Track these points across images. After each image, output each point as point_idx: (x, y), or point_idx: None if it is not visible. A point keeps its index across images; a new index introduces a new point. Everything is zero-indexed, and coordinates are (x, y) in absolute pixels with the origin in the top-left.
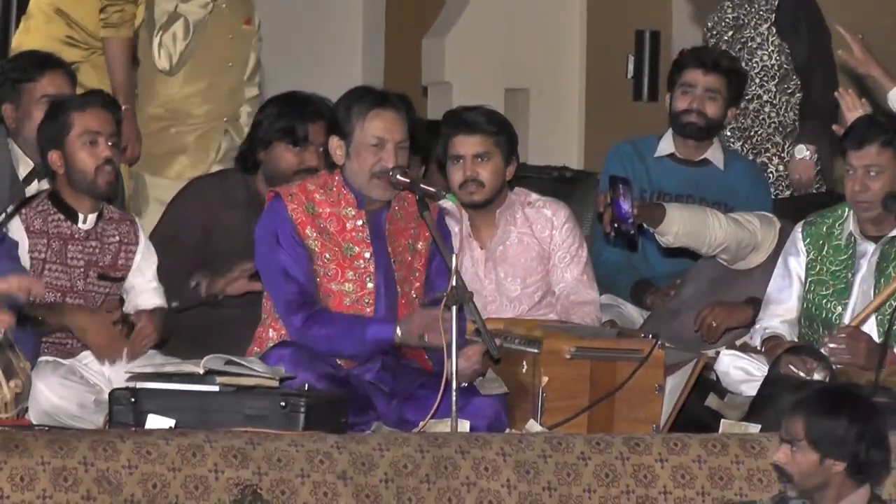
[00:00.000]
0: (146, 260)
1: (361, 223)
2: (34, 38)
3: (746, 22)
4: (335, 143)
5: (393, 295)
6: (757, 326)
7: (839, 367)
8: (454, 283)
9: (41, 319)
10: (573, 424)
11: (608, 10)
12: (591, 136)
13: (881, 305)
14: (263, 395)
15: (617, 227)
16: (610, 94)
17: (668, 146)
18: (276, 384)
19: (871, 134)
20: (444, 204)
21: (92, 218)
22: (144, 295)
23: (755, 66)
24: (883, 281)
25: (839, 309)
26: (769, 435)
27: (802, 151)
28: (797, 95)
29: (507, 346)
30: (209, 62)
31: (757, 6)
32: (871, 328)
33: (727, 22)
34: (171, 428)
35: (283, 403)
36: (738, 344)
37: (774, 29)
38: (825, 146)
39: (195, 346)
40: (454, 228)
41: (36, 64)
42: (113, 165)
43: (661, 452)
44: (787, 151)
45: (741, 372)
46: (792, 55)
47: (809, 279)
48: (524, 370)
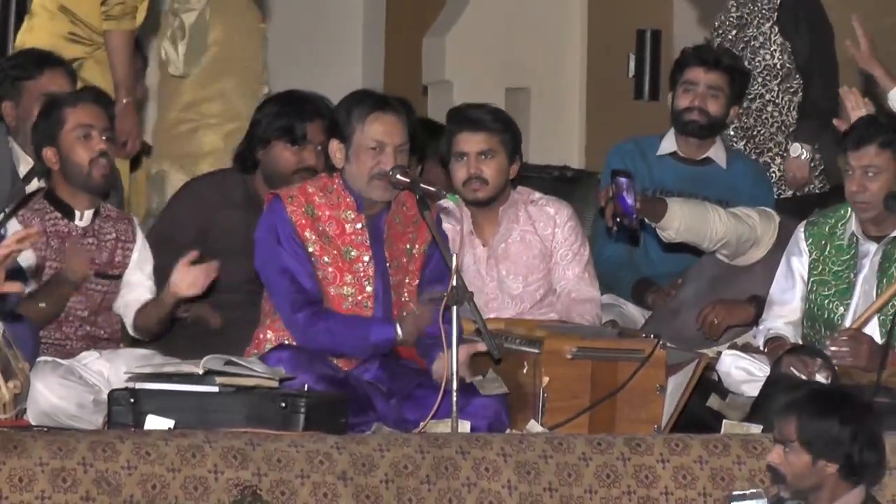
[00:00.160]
0: (143, 258)
1: (361, 226)
2: (38, 35)
3: (749, 21)
4: (335, 146)
5: (388, 299)
6: (760, 327)
7: (841, 367)
8: (454, 282)
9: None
10: (574, 425)
11: (609, 8)
12: (591, 135)
13: (883, 306)
14: (263, 395)
15: (619, 221)
16: (611, 93)
17: (670, 145)
18: (275, 384)
19: (869, 134)
20: (443, 203)
21: (89, 215)
22: (139, 290)
23: (758, 65)
24: (885, 281)
25: (841, 309)
26: (771, 436)
27: (797, 150)
28: (800, 95)
29: (507, 346)
30: (229, 61)
31: (759, 5)
32: (873, 329)
33: (731, 21)
34: (170, 428)
35: (282, 404)
36: (740, 344)
37: (776, 28)
38: (826, 145)
39: (194, 346)
40: (454, 229)
41: (35, 62)
42: (108, 158)
43: (662, 453)
44: (788, 151)
45: (743, 372)
46: (793, 54)
47: (812, 279)
48: (525, 370)
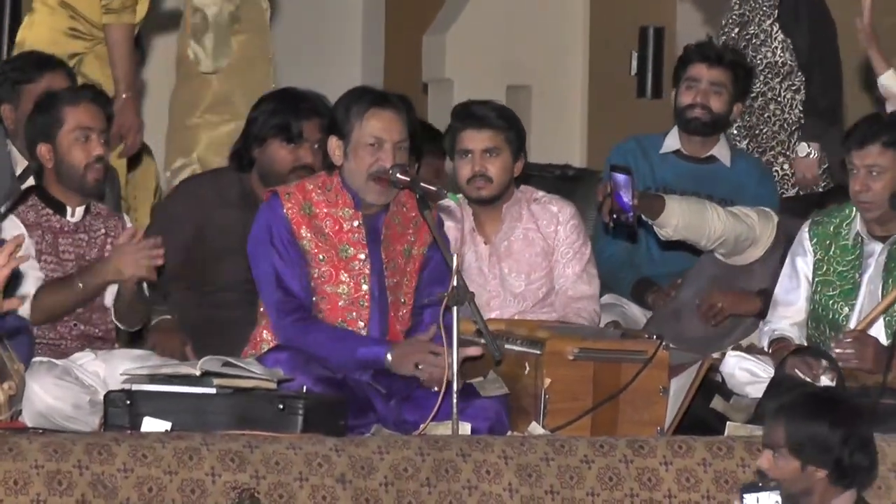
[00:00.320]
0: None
1: (358, 224)
2: (38, 31)
3: (751, 18)
4: (333, 143)
5: (384, 300)
6: (765, 328)
7: (847, 369)
8: (455, 282)
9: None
10: (576, 427)
11: (611, 5)
12: (593, 133)
13: (889, 307)
14: (261, 397)
15: (616, 217)
16: (613, 91)
17: (673, 142)
18: (273, 386)
19: (873, 134)
20: (444, 203)
21: (80, 211)
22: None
23: (760, 62)
24: (891, 281)
25: (846, 310)
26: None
27: (804, 149)
28: (803, 92)
29: (509, 347)
30: (244, 57)
31: (760, 2)
32: (878, 330)
33: (734, 19)
34: (167, 431)
35: (280, 406)
36: (744, 345)
37: (777, 25)
38: (830, 142)
39: (193, 346)
40: (453, 230)
41: (35, 64)
42: (103, 163)
43: (665, 455)
44: (792, 150)
45: (747, 374)
46: (795, 51)
47: (816, 279)
48: (526, 372)
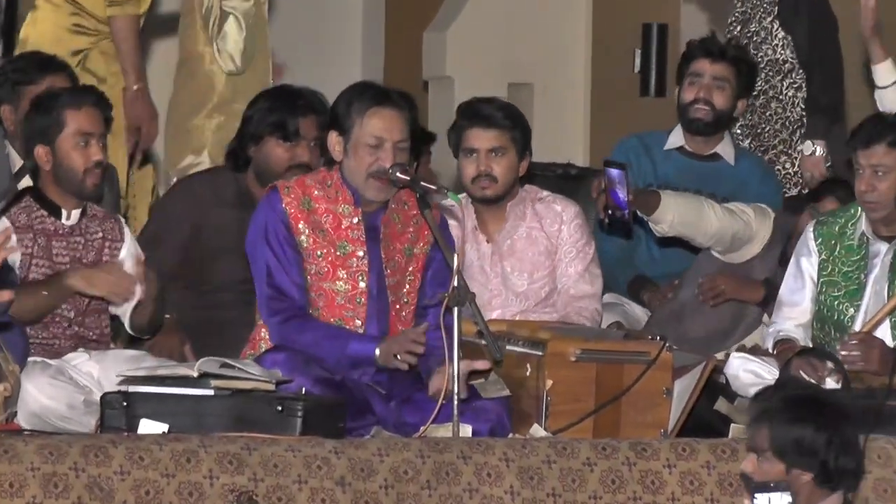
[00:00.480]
0: (133, 257)
1: (357, 220)
2: (42, 28)
3: (752, 16)
4: (334, 138)
5: (384, 299)
6: (769, 329)
7: (852, 371)
8: (455, 283)
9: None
10: (578, 429)
11: (614, 2)
12: (596, 132)
13: (895, 308)
14: (259, 398)
15: (612, 214)
16: (616, 89)
17: (677, 139)
18: (272, 388)
19: (878, 133)
20: (445, 202)
21: (76, 214)
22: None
23: (761, 60)
24: None
25: (851, 311)
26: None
27: (809, 147)
28: (804, 90)
29: (510, 348)
30: (254, 55)
31: None
32: (884, 331)
33: (736, 17)
34: (164, 433)
35: (279, 407)
36: (748, 346)
37: (778, 22)
38: (834, 140)
39: (191, 346)
40: (455, 229)
41: (37, 66)
42: (102, 168)
43: (668, 458)
44: (794, 148)
45: (751, 375)
46: (795, 47)
47: (821, 280)
48: (528, 373)
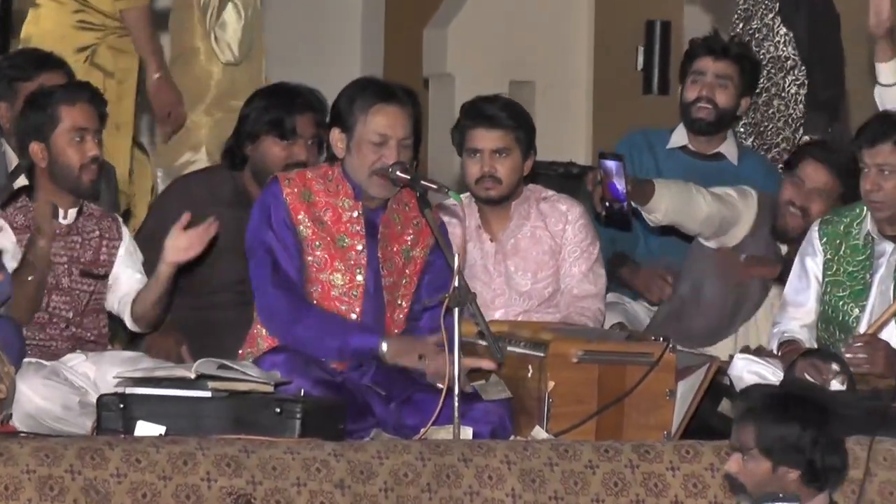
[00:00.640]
0: (131, 254)
1: (357, 214)
2: (45, 25)
3: (754, 12)
4: (336, 135)
5: (380, 297)
6: (774, 330)
7: (857, 373)
8: (456, 283)
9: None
10: (580, 431)
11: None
12: (598, 130)
13: None
14: (257, 400)
15: (609, 206)
16: (619, 86)
17: (681, 138)
18: (270, 389)
19: (884, 132)
20: (445, 202)
21: (72, 213)
22: (130, 283)
23: (763, 57)
24: None
25: (856, 311)
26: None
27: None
28: (806, 86)
29: (511, 349)
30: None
31: None
32: (890, 333)
33: (739, 14)
34: (161, 435)
35: (278, 409)
36: (752, 348)
37: (779, 18)
38: (837, 137)
39: (188, 347)
40: (455, 229)
41: (33, 63)
42: (98, 164)
43: (672, 460)
44: (797, 145)
45: (755, 377)
46: (797, 44)
47: (826, 280)
48: (529, 374)
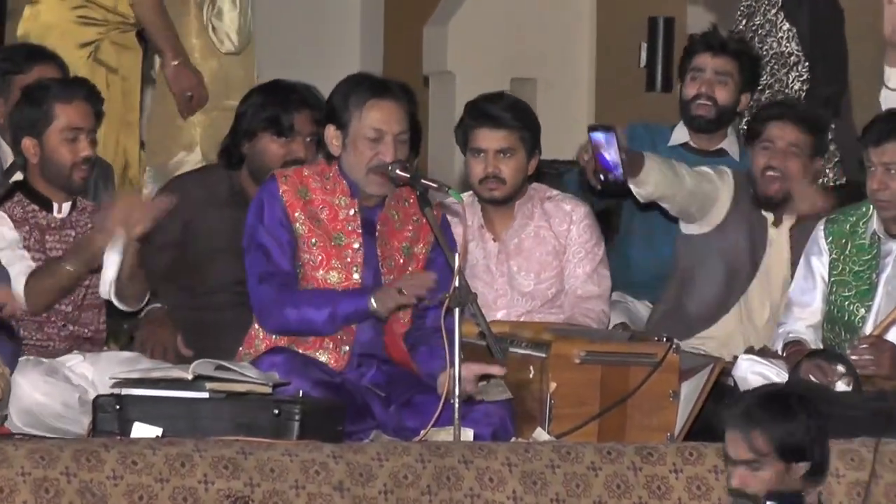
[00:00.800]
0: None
1: (353, 212)
2: (45, 21)
3: (757, 8)
4: (331, 132)
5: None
6: (780, 330)
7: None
8: (457, 283)
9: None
10: (583, 433)
11: None
12: None
13: None
14: (256, 401)
15: (604, 179)
16: (621, 84)
17: (682, 135)
18: (268, 390)
19: (890, 130)
20: (447, 201)
21: (66, 206)
22: (114, 265)
23: (766, 53)
24: None
25: (862, 311)
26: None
27: None
28: (809, 83)
29: (513, 350)
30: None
31: None
32: (895, 334)
33: (742, 11)
34: (158, 437)
35: (276, 411)
36: (756, 349)
37: (782, 13)
38: (840, 134)
39: (182, 338)
40: (457, 228)
41: (26, 56)
42: (90, 163)
43: (675, 462)
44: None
45: (760, 378)
46: (800, 40)
47: (832, 280)
48: (531, 375)
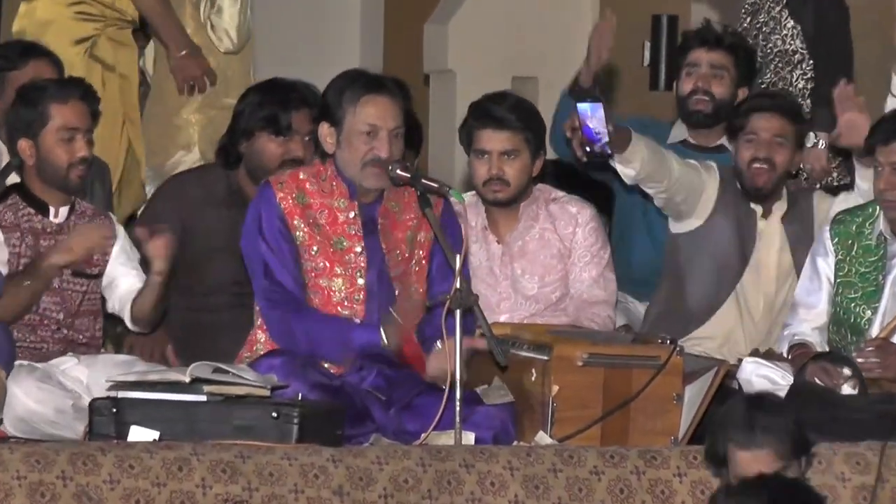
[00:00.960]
0: (127, 254)
1: (353, 215)
2: (41, 17)
3: (761, 6)
4: (325, 130)
5: (389, 293)
6: (785, 332)
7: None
8: (458, 285)
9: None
10: (585, 436)
11: None
12: None
13: None
14: (254, 404)
15: (590, 150)
16: (625, 83)
17: (681, 132)
18: (267, 393)
19: None
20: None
21: (63, 211)
22: (128, 281)
23: (769, 51)
24: None
25: (868, 313)
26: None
27: (811, 139)
28: (814, 81)
29: (514, 352)
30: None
31: None
32: None
33: (746, 8)
34: (155, 440)
35: (274, 414)
36: (762, 351)
37: (787, 11)
38: None
39: (181, 352)
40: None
41: (20, 52)
42: (87, 164)
43: (679, 466)
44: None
45: (765, 381)
46: (805, 37)
47: (838, 281)
48: (533, 378)
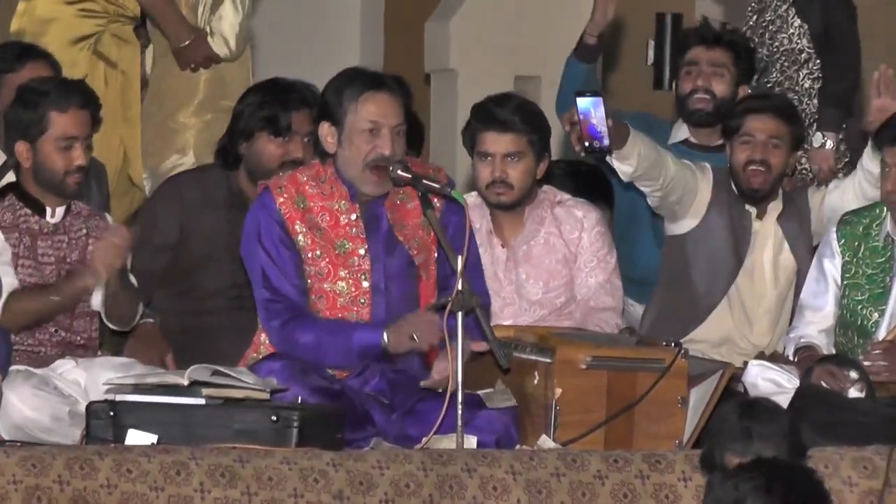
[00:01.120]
0: None
1: (355, 217)
2: (41, 15)
3: (768, 4)
4: (325, 129)
5: (395, 290)
6: (791, 335)
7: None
8: (459, 287)
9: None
10: (589, 440)
11: None
12: None
13: None
14: (253, 408)
15: (588, 145)
16: (629, 81)
17: (682, 132)
18: (266, 397)
19: None
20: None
21: (60, 211)
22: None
23: (776, 50)
24: None
25: (875, 315)
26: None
27: (819, 139)
28: (821, 81)
29: (517, 355)
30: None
31: None
32: None
33: (753, 6)
34: (153, 444)
35: (274, 417)
36: (767, 354)
37: (793, 9)
38: (852, 132)
39: (179, 355)
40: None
41: (17, 54)
42: (83, 172)
43: (684, 470)
44: (810, 142)
45: (771, 384)
46: (811, 36)
47: (844, 283)
48: (536, 381)
